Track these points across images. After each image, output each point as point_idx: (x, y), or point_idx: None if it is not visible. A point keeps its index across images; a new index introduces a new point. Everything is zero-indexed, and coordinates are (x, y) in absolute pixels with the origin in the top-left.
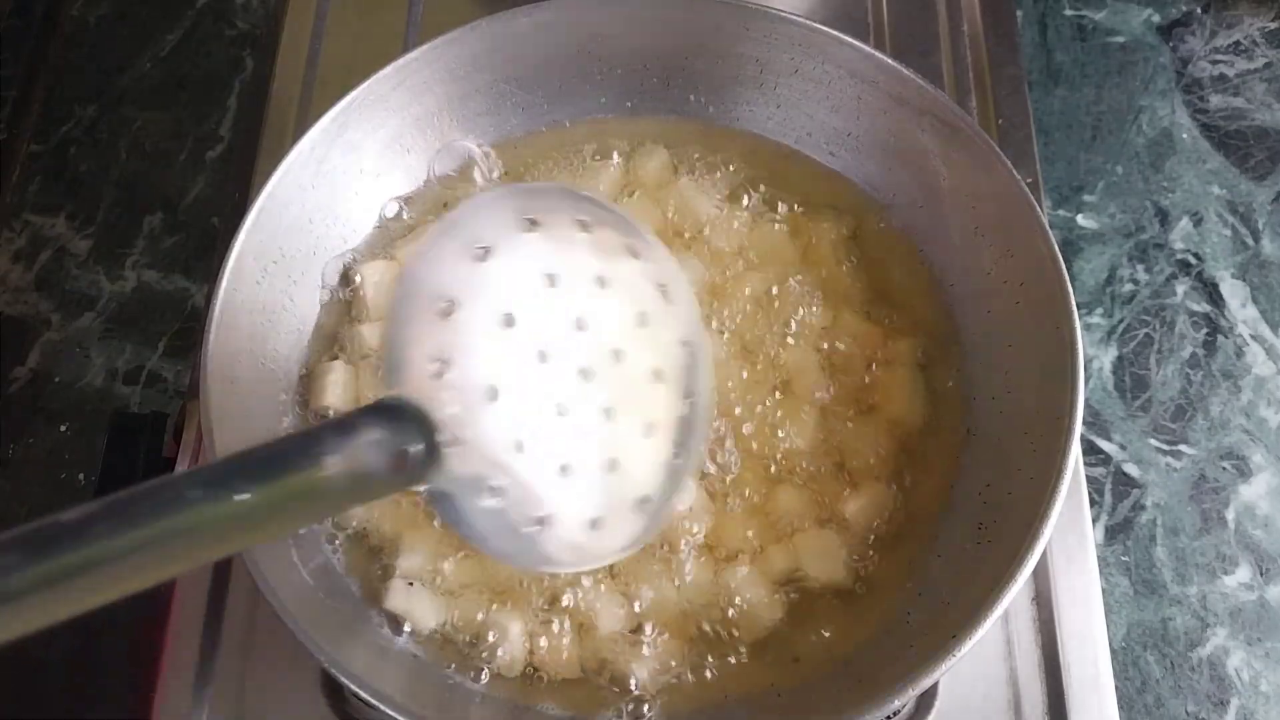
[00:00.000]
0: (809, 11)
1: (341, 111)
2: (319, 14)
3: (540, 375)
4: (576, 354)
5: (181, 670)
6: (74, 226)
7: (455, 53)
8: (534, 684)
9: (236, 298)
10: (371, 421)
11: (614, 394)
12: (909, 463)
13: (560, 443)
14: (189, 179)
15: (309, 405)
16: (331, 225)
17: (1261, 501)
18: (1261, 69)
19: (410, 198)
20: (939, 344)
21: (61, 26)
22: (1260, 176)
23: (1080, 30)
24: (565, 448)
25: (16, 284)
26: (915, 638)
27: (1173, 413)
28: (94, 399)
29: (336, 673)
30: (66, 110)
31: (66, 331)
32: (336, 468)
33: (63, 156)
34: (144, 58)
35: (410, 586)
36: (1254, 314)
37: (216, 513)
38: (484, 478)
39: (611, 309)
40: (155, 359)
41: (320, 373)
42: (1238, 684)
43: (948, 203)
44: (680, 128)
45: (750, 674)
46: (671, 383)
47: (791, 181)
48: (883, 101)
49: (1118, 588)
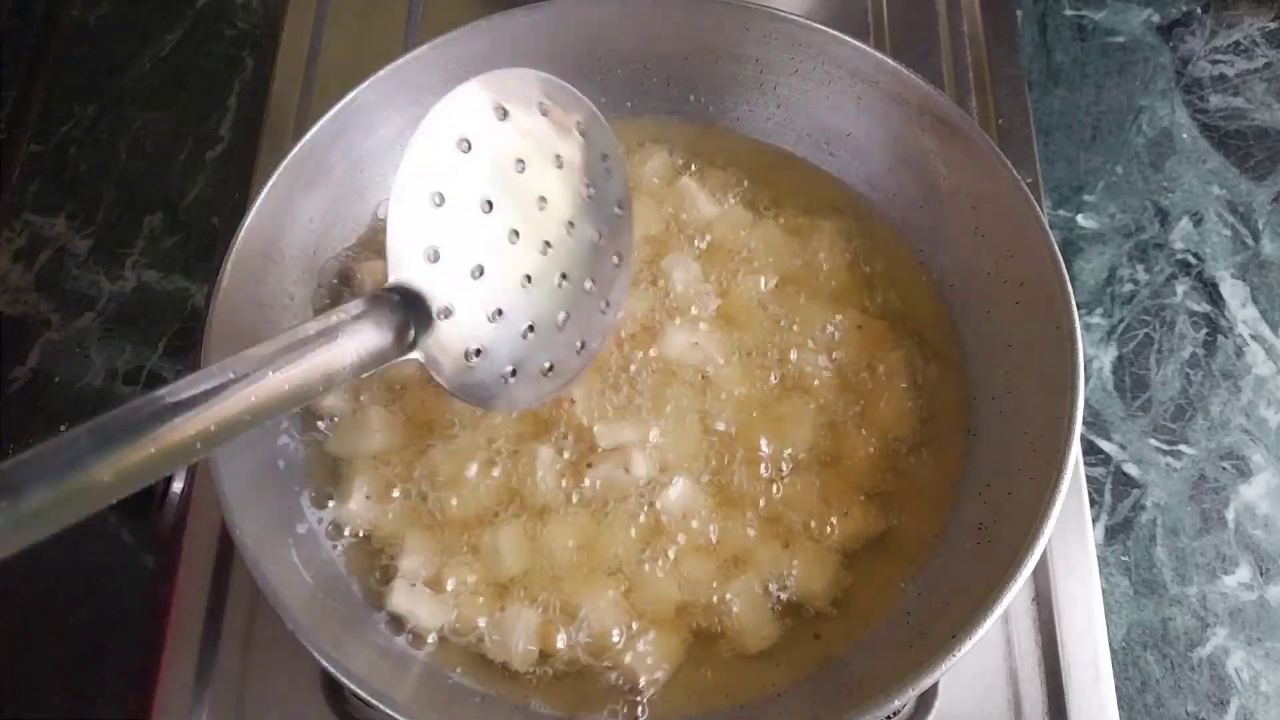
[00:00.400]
0: (809, 11)
1: (341, 111)
2: (319, 14)
3: (514, 252)
4: (541, 228)
5: (181, 670)
6: (74, 226)
7: (455, 53)
8: (534, 683)
9: (236, 298)
10: (379, 305)
11: (567, 261)
12: (909, 463)
13: (529, 308)
14: (189, 179)
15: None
16: (331, 225)
17: (1261, 501)
18: (1261, 69)
19: None
20: (939, 344)
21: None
22: (1260, 176)
23: (1080, 30)
24: (532, 311)
25: (16, 284)
26: (915, 638)
27: (1173, 413)
28: (94, 399)
29: (336, 673)
30: (66, 110)
31: (66, 331)
32: (351, 345)
33: (63, 156)
34: (144, 58)
35: (412, 587)
36: (1254, 314)
37: (254, 390)
38: (469, 341)
39: (567, 185)
40: (155, 359)
41: None
42: (1238, 684)
43: (948, 203)
44: (680, 128)
45: (750, 674)
46: (608, 244)
47: (792, 182)
48: (883, 101)
49: (1118, 588)
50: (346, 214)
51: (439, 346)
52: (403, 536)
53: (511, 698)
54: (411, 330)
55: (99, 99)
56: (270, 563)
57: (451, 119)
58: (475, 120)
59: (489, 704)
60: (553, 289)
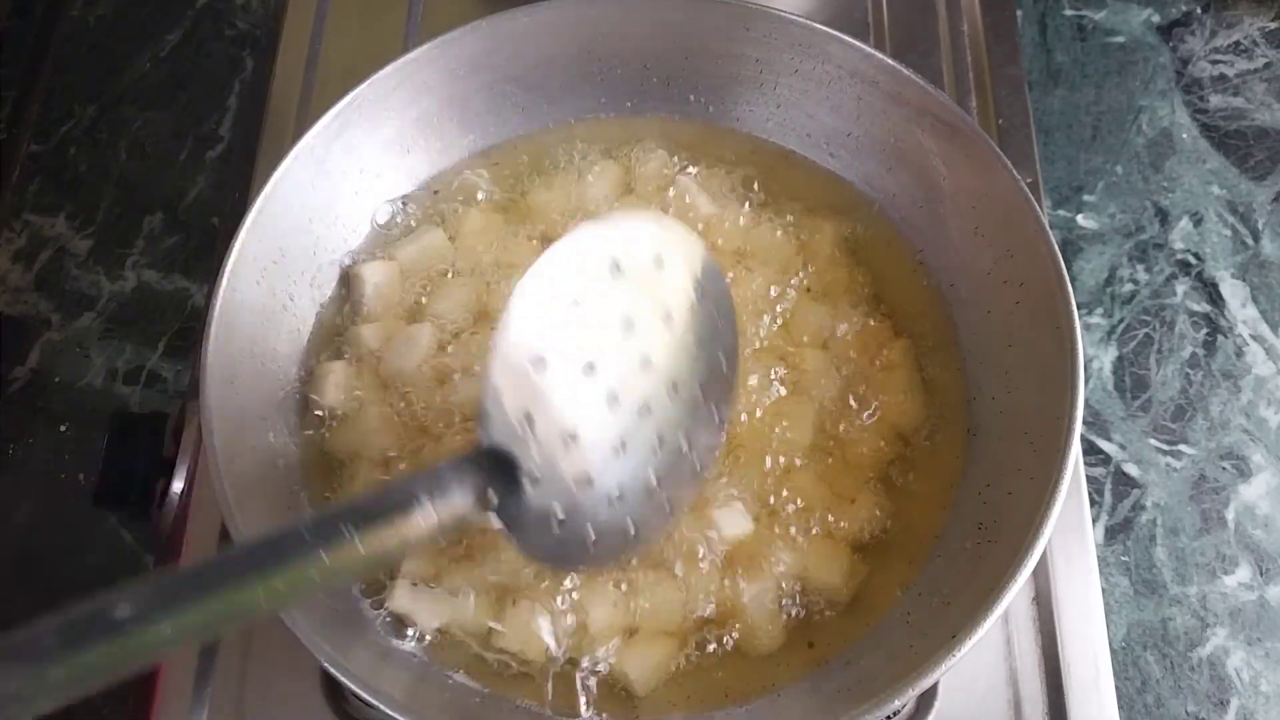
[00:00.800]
0: (809, 11)
1: (341, 111)
2: (319, 14)
3: (611, 418)
4: (642, 391)
5: (181, 670)
6: (74, 226)
7: (455, 53)
8: (534, 683)
9: (236, 298)
10: (465, 467)
11: (666, 425)
12: (909, 463)
13: (620, 474)
14: (189, 179)
15: (310, 404)
16: (331, 225)
17: (1261, 501)
18: (1261, 69)
19: (410, 197)
20: (939, 344)
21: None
22: (1260, 176)
23: (1080, 30)
24: (624, 477)
25: (16, 284)
26: (915, 638)
27: (1173, 413)
28: (94, 399)
29: (336, 673)
30: (66, 110)
31: (66, 331)
32: (432, 508)
33: (63, 156)
34: (144, 58)
35: (414, 587)
36: (1254, 314)
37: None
38: (553, 508)
39: (675, 344)
40: (155, 359)
41: (322, 373)
42: (1238, 684)
43: (948, 203)
44: (680, 128)
45: (749, 674)
46: (710, 405)
47: (791, 182)
48: (883, 101)
49: (1118, 588)
50: (346, 214)
51: (522, 512)
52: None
53: (512, 698)
54: (493, 493)
55: (99, 99)
56: None
57: (565, 273)
58: (588, 276)
59: (489, 704)
60: (647, 455)
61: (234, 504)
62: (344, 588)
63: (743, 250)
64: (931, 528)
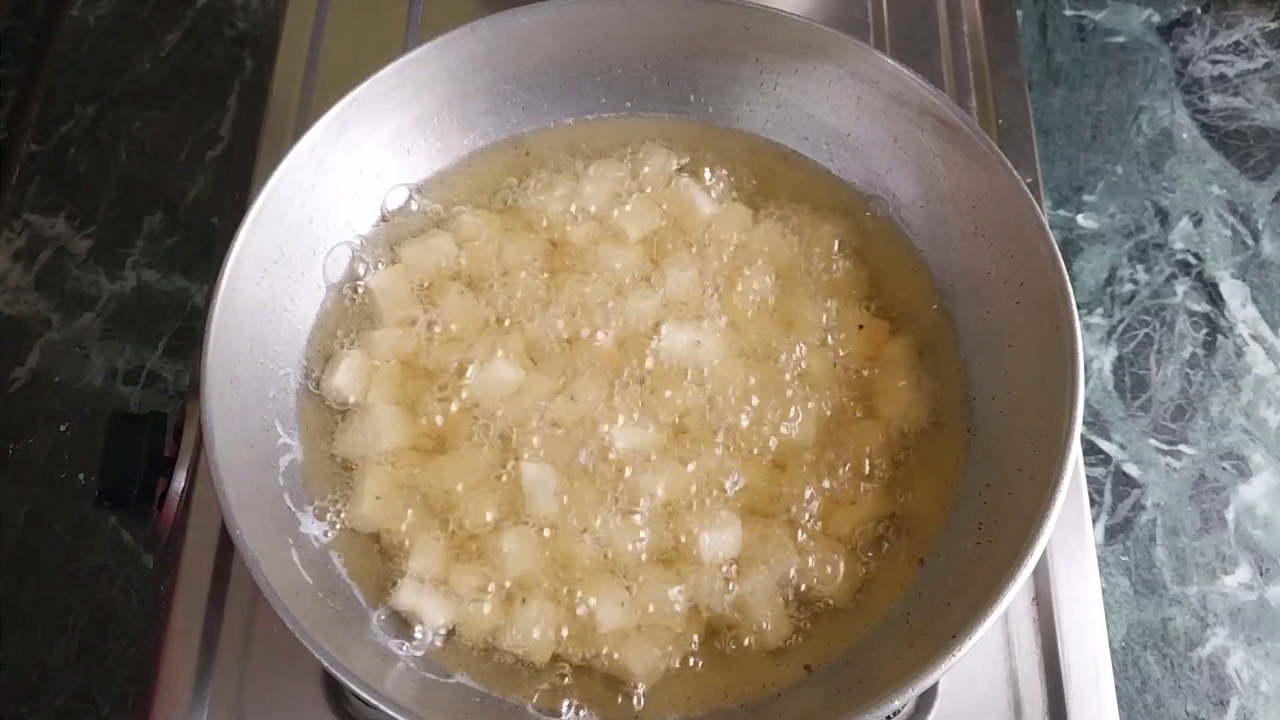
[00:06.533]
0: (809, 11)
1: (341, 111)
2: (319, 14)
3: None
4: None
5: (181, 670)
6: (74, 226)
7: (455, 53)
8: (534, 683)
9: (236, 298)
10: None
11: None
12: (909, 463)
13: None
14: (189, 179)
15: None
16: (331, 225)
17: (1261, 501)
18: (1261, 69)
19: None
20: (939, 344)
21: (61, 26)
22: (1260, 176)
23: (1080, 30)
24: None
25: (16, 284)
26: (915, 638)
27: (1173, 413)
28: (94, 399)
29: (336, 673)
30: (66, 110)
31: (66, 331)
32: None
33: (63, 156)
34: (144, 58)
35: (420, 584)
36: (1254, 314)
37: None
38: None
39: None
40: (155, 359)
41: (327, 374)
42: (1238, 684)
43: (948, 203)
44: (680, 128)
45: (750, 673)
46: None
47: (791, 182)
48: (883, 101)
49: (1118, 588)
50: (346, 214)
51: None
52: (410, 537)
53: (512, 698)
54: None
55: (99, 99)
56: (270, 563)
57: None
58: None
59: (489, 704)
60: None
61: (234, 504)
62: (344, 587)
63: (743, 250)
64: (931, 528)
